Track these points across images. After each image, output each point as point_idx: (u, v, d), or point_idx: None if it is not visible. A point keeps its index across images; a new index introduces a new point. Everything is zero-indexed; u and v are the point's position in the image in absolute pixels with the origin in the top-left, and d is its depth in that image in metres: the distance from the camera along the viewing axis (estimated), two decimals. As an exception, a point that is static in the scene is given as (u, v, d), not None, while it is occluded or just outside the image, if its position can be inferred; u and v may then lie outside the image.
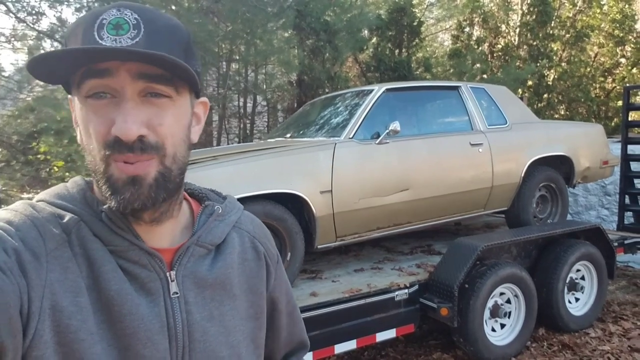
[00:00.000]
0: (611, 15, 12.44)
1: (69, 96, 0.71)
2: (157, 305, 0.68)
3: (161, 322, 0.68)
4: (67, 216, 0.67)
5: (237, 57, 8.07)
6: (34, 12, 6.77)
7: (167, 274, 0.70)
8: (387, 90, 3.76)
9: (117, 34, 0.62)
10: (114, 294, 0.65)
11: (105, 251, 0.67)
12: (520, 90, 10.15)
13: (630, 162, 5.56)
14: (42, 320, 0.60)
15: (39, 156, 7.17)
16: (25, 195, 8.99)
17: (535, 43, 11.10)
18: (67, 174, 6.45)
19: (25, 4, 6.71)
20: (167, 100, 0.66)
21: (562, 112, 12.12)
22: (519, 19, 11.80)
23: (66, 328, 0.61)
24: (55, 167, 6.34)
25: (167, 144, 0.66)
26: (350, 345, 2.95)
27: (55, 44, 7.39)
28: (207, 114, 0.79)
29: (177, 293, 0.70)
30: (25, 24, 7.04)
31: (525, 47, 11.47)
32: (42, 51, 8.06)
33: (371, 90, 3.76)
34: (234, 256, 0.78)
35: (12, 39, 7.81)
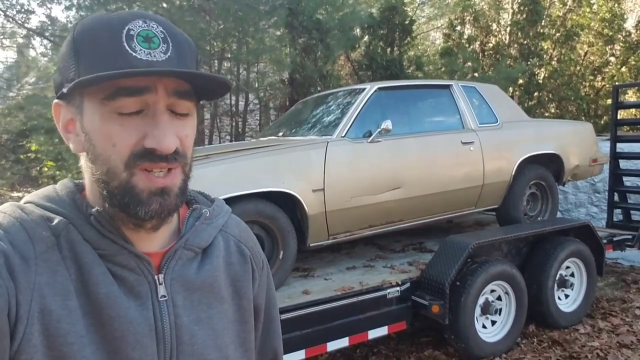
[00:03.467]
0: (601, 14, 12.53)
1: (56, 101, 0.69)
2: (146, 309, 0.68)
3: (149, 325, 0.68)
4: (56, 219, 0.66)
5: (229, 56, 8.05)
6: (23, 9, 6.71)
7: (155, 277, 0.70)
8: (379, 89, 3.77)
9: (149, 47, 0.62)
10: (103, 297, 0.65)
11: (95, 255, 0.66)
12: (510, 89, 10.21)
13: (619, 160, 5.62)
14: (31, 324, 0.60)
15: (29, 155, 7.12)
16: (15, 194, 8.92)
17: (525, 42, 11.16)
18: (57, 172, 6.40)
19: (14, 1, 6.65)
20: (188, 115, 0.68)
21: (552, 111, 12.20)
22: (510, 17, 11.85)
23: (55, 331, 0.61)
24: (45, 168, 6.29)
25: (188, 154, 0.69)
26: (343, 342, 2.96)
27: (45, 41, 7.33)
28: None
29: (165, 296, 0.70)
30: (14, 22, 6.97)
31: (515, 45, 11.53)
32: (31, 50, 8.00)
33: (363, 89, 3.77)
34: (219, 259, 0.78)
35: (1, 37, 7.74)
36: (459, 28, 12.41)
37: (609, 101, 11.09)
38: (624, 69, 12.35)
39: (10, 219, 0.64)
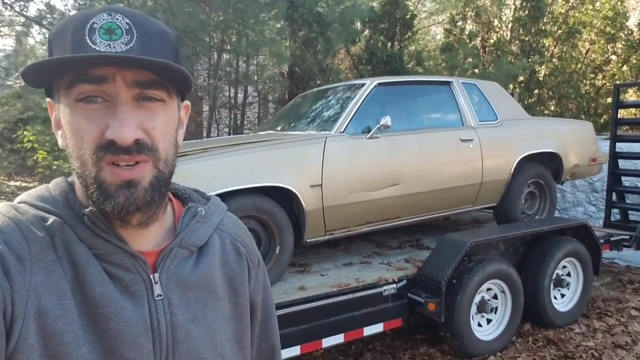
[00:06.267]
0: (603, 12, 12.50)
1: (47, 100, 0.70)
2: (141, 308, 0.68)
3: (145, 324, 0.68)
4: (51, 219, 0.66)
5: (229, 48, 8.00)
6: (21, -3, 6.64)
7: (151, 276, 0.70)
8: (379, 84, 3.75)
9: (110, 38, 0.61)
10: (98, 296, 0.65)
11: (90, 254, 0.66)
12: (511, 86, 10.19)
13: (618, 160, 5.61)
14: (27, 324, 0.60)
15: (25, 144, 7.08)
16: (12, 183, 8.89)
17: (527, 38, 11.12)
18: (55, 162, 6.37)
19: (12, -11, 6.59)
20: (160, 104, 0.67)
21: (552, 108, 12.19)
22: (512, 14, 11.81)
23: (52, 331, 0.61)
24: (39, 158, 6.25)
25: (160, 148, 0.66)
26: (338, 339, 2.96)
27: (43, 30, 7.27)
28: (188, 117, 0.80)
29: (160, 295, 0.70)
30: (12, 10, 6.91)
31: (517, 42, 11.49)
32: (29, 38, 7.94)
33: (363, 84, 3.75)
34: (215, 257, 0.78)
35: (0, 25, 7.68)
36: (460, 23, 12.37)
37: (609, 100, 11.08)
38: (625, 67, 12.34)
39: (4, 219, 0.65)
